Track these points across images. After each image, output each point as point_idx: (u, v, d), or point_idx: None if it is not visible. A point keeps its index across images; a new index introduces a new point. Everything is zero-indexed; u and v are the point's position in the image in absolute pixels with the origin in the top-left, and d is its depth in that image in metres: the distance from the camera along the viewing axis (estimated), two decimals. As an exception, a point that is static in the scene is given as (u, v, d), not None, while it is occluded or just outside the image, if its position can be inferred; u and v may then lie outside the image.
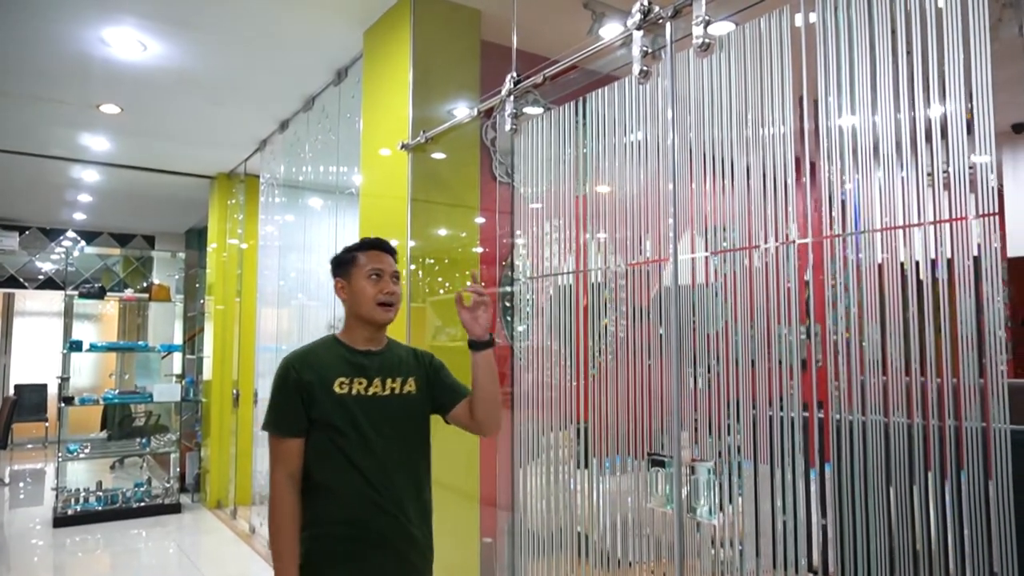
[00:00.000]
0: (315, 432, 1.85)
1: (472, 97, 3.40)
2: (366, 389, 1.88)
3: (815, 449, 1.54)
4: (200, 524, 5.96)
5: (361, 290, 1.91)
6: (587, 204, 2.15)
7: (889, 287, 1.42)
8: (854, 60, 1.48)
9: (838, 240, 1.52)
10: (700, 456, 1.76)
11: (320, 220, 4.66)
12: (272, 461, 1.85)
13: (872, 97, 1.45)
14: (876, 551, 1.43)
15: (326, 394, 1.84)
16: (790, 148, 1.61)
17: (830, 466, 1.52)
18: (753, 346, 1.65)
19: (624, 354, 2.01)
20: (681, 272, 1.83)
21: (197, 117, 5.07)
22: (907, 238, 1.41)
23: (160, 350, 6.57)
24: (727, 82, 1.76)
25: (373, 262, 1.93)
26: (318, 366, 1.87)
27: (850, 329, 1.47)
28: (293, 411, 1.83)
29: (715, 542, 1.71)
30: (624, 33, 2.00)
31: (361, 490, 1.82)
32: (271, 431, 1.87)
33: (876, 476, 1.45)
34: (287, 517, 1.79)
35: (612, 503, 2.04)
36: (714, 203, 1.80)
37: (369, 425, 1.85)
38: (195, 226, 9.07)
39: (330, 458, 1.83)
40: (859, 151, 1.51)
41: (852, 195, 1.50)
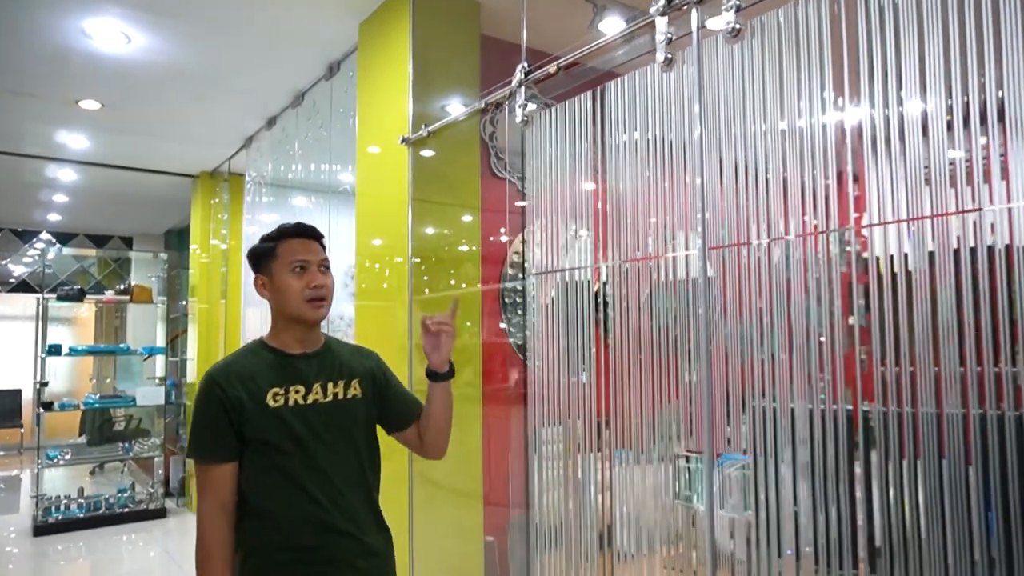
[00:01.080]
0: (249, 453, 1.63)
1: (471, 91, 3.34)
2: (304, 397, 1.68)
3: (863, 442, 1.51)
4: (187, 529, 5.83)
5: (285, 286, 1.68)
6: (605, 197, 2.10)
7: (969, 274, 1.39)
8: (901, 45, 1.45)
9: (883, 229, 1.49)
10: (731, 450, 1.72)
11: (311, 219, 4.56)
12: (200, 491, 1.63)
13: (923, 83, 1.42)
14: (916, 546, 1.41)
15: (259, 409, 1.62)
16: (832, 136, 1.58)
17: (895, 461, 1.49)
18: (791, 338, 1.61)
19: (647, 348, 1.96)
20: (709, 265, 1.79)
21: (181, 113, 4.94)
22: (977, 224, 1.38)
23: (142, 353, 6.42)
24: (757, 70, 1.72)
25: (295, 252, 1.69)
26: (246, 378, 1.64)
27: (899, 320, 1.45)
28: (220, 434, 1.61)
29: (749, 538, 1.67)
30: (646, 19, 1.95)
31: (308, 512, 1.63)
32: (196, 459, 1.65)
33: (937, 469, 1.42)
34: (215, 555, 1.59)
35: (635, 498, 1.99)
36: (740, 196, 1.77)
37: (312, 437, 1.65)
38: (175, 227, 8.89)
39: (269, 479, 1.63)
40: (906, 137, 1.48)
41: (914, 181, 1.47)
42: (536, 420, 2.34)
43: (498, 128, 3.67)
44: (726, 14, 1.74)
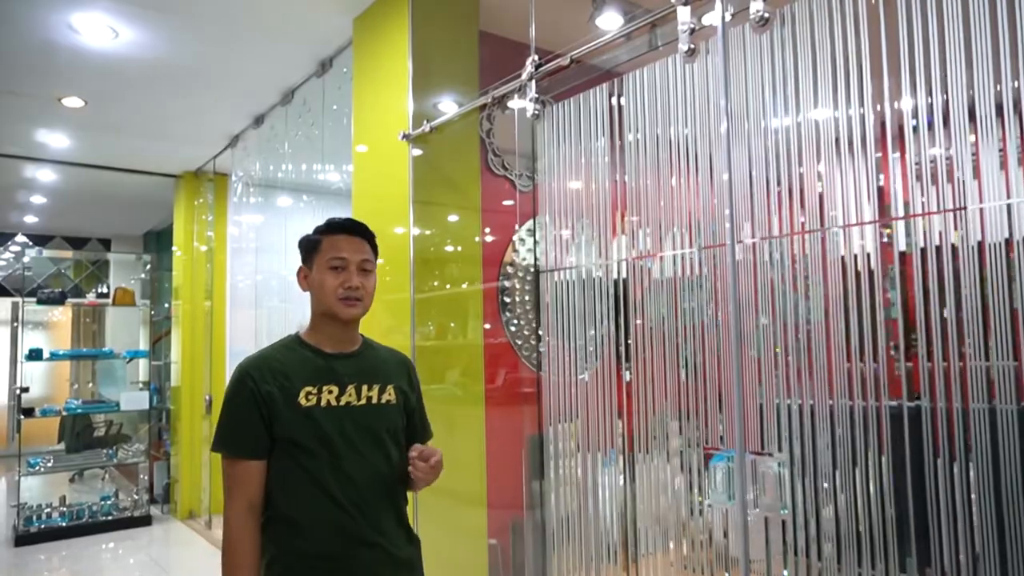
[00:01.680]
0: (278, 452, 1.58)
1: (471, 88, 3.29)
2: (337, 398, 1.62)
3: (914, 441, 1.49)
4: (173, 536, 5.71)
5: (320, 281, 1.64)
6: (624, 192, 2.07)
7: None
8: (944, 31, 1.43)
9: (914, 222, 1.47)
10: (765, 448, 1.69)
11: (302, 219, 4.50)
12: (227, 488, 1.58)
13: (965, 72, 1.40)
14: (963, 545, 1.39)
15: (290, 407, 1.58)
16: (871, 128, 1.56)
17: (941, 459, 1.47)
18: (830, 335, 1.59)
19: (672, 346, 1.93)
20: (740, 258, 1.76)
21: (166, 112, 4.83)
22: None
23: (125, 356, 6.28)
24: (783, 61, 1.70)
25: (337, 249, 1.65)
26: (279, 374, 1.60)
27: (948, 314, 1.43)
28: (251, 427, 1.57)
29: (785, 538, 1.65)
30: (667, 9, 1.92)
31: (335, 520, 1.58)
32: (223, 451, 1.59)
33: (992, 468, 1.40)
34: (245, 557, 1.54)
35: (658, 498, 1.96)
36: (770, 189, 1.74)
37: (342, 441, 1.60)
38: (155, 228, 8.73)
39: (296, 483, 1.58)
40: (953, 124, 1.46)
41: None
42: (551, 419, 2.30)
43: (495, 125, 3.63)
44: (754, 3, 1.71)
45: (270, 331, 4.79)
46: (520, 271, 3.69)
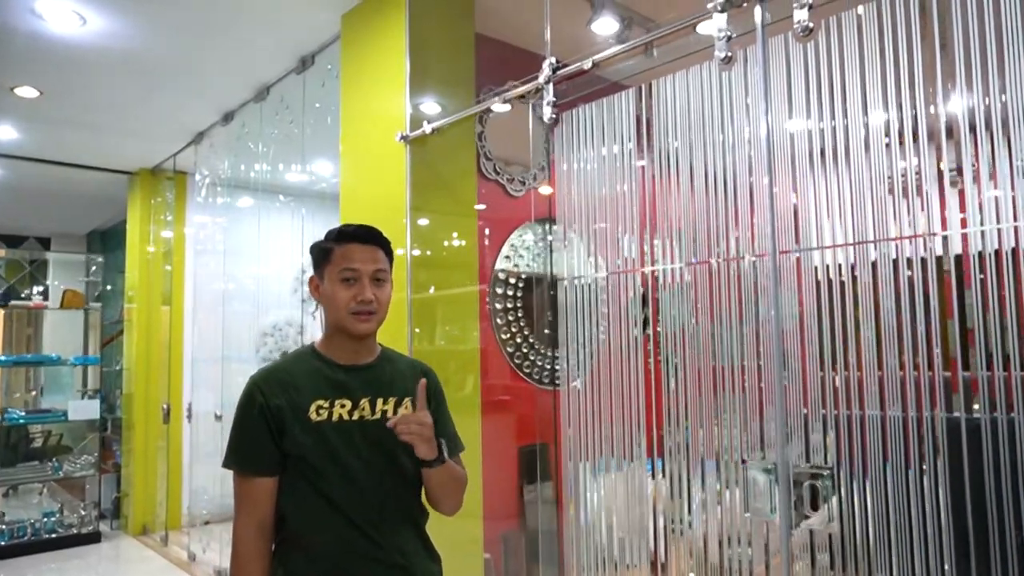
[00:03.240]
0: (289, 470, 1.52)
1: (467, 90, 3.22)
2: (350, 413, 1.55)
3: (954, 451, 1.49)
4: (126, 554, 5.41)
5: (332, 294, 1.56)
6: (655, 199, 2.03)
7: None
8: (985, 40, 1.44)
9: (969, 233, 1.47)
10: (811, 462, 1.67)
11: (279, 221, 4.33)
12: (237, 506, 1.51)
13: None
14: None
15: (299, 422, 1.51)
16: (910, 138, 1.56)
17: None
18: (887, 345, 1.58)
19: (706, 355, 1.90)
20: (781, 270, 1.74)
21: (127, 105, 4.58)
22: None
23: (73, 363, 5.93)
24: (823, 70, 1.69)
25: (349, 259, 1.55)
26: (290, 386, 1.53)
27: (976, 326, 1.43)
28: (260, 443, 1.50)
29: (832, 551, 1.63)
30: (702, 15, 1.89)
31: (350, 541, 1.50)
32: (233, 468, 1.53)
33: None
34: (250, 573, 1.48)
35: (699, 512, 1.92)
36: (810, 197, 1.73)
37: (354, 458, 1.52)
38: (101, 227, 8.32)
39: (309, 503, 1.50)
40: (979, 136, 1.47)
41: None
42: (569, 429, 2.24)
43: (487, 128, 3.57)
44: (797, 12, 1.69)
45: (238, 337, 4.59)
46: (512, 278, 3.62)
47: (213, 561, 4.74)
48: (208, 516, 5.29)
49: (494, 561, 3.32)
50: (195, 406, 5.24)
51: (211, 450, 5.21)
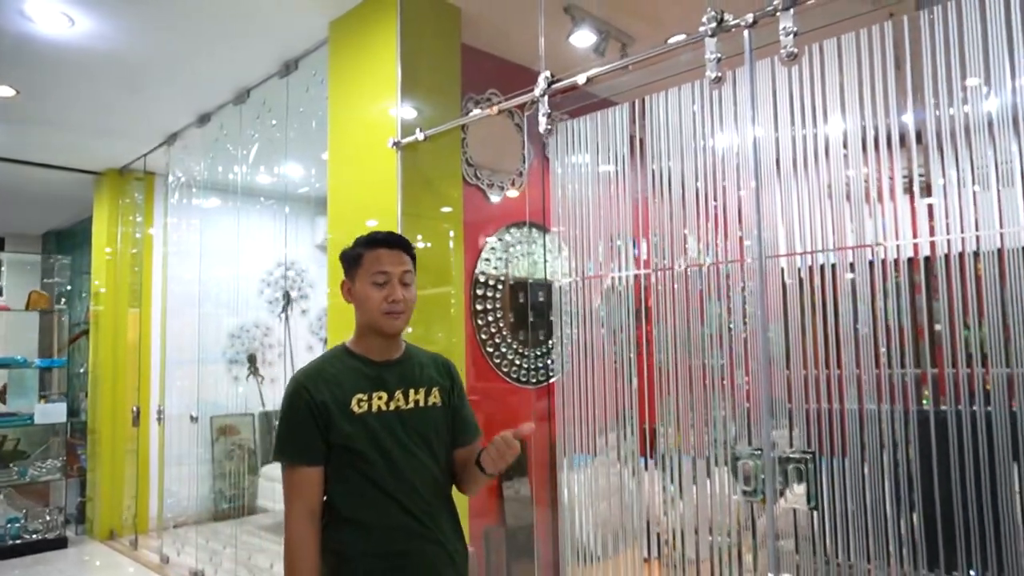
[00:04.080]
0: (335, 460, 1.66)
1: (454, 98, 3.33)
2: (387, 404, 1.70)
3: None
4: (95, 559, 5.35)
5: (365, 296, 1.71)
6: (647, 206, 2.17)
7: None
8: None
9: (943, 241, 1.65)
10: (792, 447, 1.83)
11: (260, 224, 4.36)
12: (287, 495, 1.64)
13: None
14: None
15: (344, 414, 1.65)
16: (897, 153, 1.73)
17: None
18: (860, 344, 1.75)
19: (695, 353, 2.05)
20: (768, 272, 1.90)
21: (102, 106, 4.54)
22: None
23: (39, 365, 5.82)
24: (807, 90, 1.85)
25: (379, 263, 1.70)
26: (332, 383, 1.68)
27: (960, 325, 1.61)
28: (308, 436, 1.64)
29: (812, 530, 1.79)
30: (695, 38, 2.04)
31: (397, 520, 1.65)
32: (284, 460, 1.66)
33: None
34: (308, 560, 1.59)
35: (688, 499, 2.07)
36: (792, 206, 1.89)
37: (395, 444, 1.67)
38: (58, 227, 8.14)
39: (356, 487, 1.65)
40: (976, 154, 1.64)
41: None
42: (564, 426, 2.37)
43: (469, 134, 3.67)
44: (784, 38, 1.85)
45: (217, 341, 4.60)
46: (491, 280, 3.74)
47: (188, 564, 4.74)
48: (183, 519, 5.27)
49: (477, 555, 3.43)
50: (168, 408, 5.21)
51: (185, 452, 5.20)
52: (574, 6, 3.43)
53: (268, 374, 6.30)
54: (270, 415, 6.18)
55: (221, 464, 5.96)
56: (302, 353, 6.38)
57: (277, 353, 6.34)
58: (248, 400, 6.09)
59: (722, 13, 1.98)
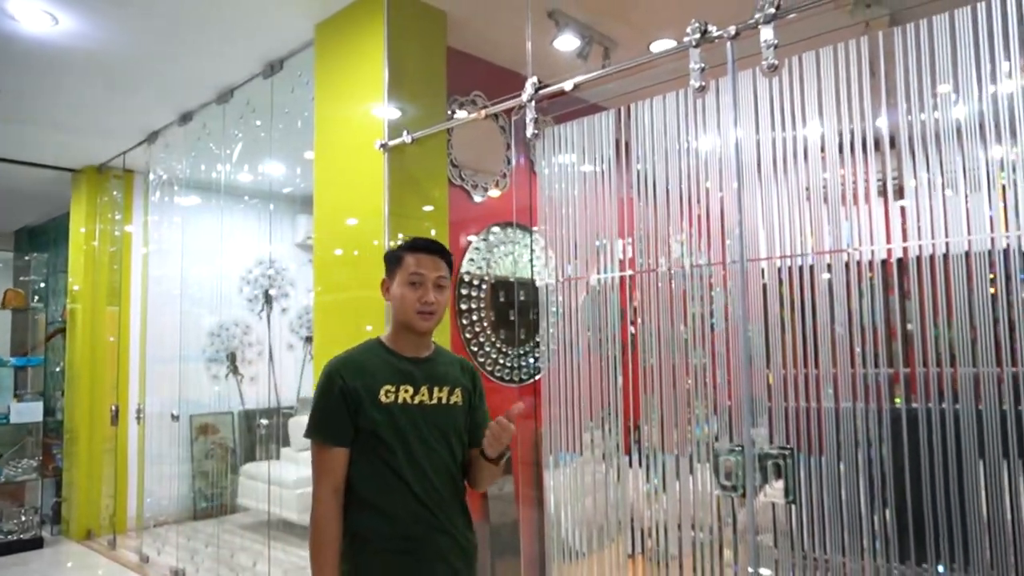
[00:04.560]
0: (360, 443, 1.78)
1: (439, 100, 3.36)
2: (412, 397, 1.82)
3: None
4: (72, 559, 5.30)
5: (400, 295, 1.84)
6: (632, 209, 2.23)
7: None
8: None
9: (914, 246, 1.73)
10: (772, 444, 1.90)
11: (244, 223, 4.36)
12: (316, 473, 1.78)
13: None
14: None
15: (372, 402, 1.78)
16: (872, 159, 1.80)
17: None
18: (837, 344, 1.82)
19: (680, 352, 2.11)
20: (749, 275, 1.96)
21: (82, 104, 4.51)
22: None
23: (15, 364, 5.75)
24: (786, 99, 1.92)
25: (416, 266, 1.84)
26: (364, 372, 1.81)
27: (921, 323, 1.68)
28: (339, 418, 1.77)
29: (791, 525, 1.86)
30: (679, 48, 2.10)
31: (412, 508, 1.77)
32: (316, 437, 1.79)
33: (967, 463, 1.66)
34: (332, 533, 1.74)
35: (670, 495, 2.13)
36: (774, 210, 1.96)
37: (415, 435, 1.80)
38: (31, 224, 8.03)
39: (376, 472, 1.77)
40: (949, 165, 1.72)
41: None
42: (551, 425, 2.42)
43: (454, 136, 3.71)
44: (765, 51, 1.92)
45: (197, 339, 4.59)
46: (475, 279, 3.78)
47: (168, 563, 4.72)
48: (163, 518, 5.25)
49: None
50: (147, 407, 5.19)
51: (164, 451, 5.18)
52: (558, 11, 3.48)
53: (248, 373, 6.28)
54: (250, 414, 6.17)
55: (201, 463, 5.94)
56: (282, 352, 6.38)
57: (257, 352, 6.33)
58: (228, 399, 6.07)
59: (705, 25, 2.04)
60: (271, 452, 5.60)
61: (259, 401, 6.10)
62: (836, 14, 2.09)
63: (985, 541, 1.60)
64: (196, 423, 5.96)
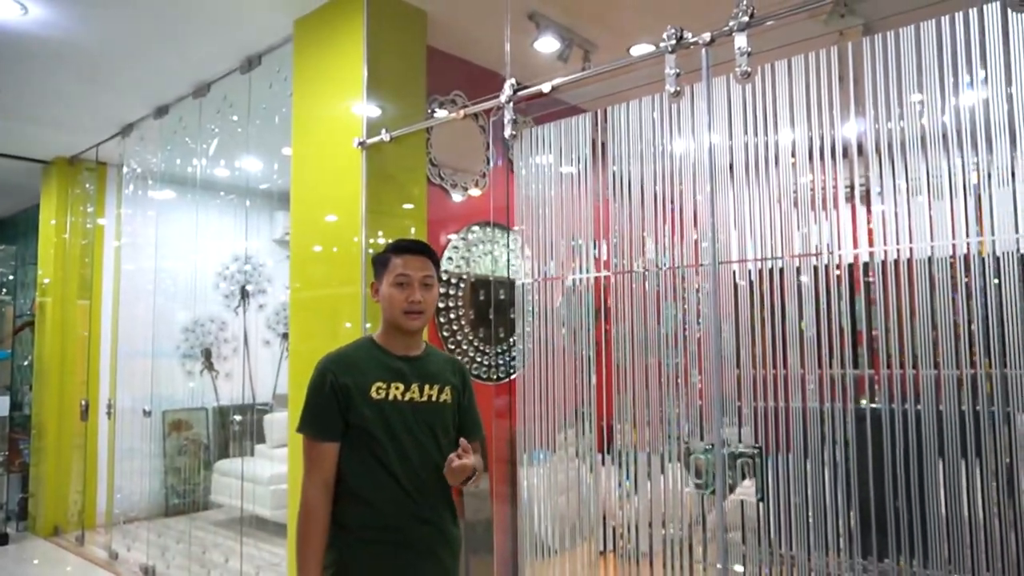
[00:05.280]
0: (350, 439, 1.82)
1: (419, 99, 3.37)
2: (403, 394, 1.86)
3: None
4: (39, 555, 5.22)
5: (388, 296, 1.88)
6: (607, 211, 2.27)
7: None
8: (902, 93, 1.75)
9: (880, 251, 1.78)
10: (742, 443, 1.95)
11: (220, 218, 4.32)
12: (306, 466, 1.82)
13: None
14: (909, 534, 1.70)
15: (363, 398, 1.81)
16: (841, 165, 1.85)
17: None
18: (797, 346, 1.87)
19: (652, 353, 2.15)
20: (721, 277, 2.01)
21: (54, 94, 4.44)
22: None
23: (-18, 358, 5.65)
24: (759, 105, 1.97)
25: (403, 267, 1.88)
26: (355, 370, 1.85)
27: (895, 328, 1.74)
28: (330, 414, 1.81)
29: (759, 522, 1.91)
30: (655, 53, 2.13)
31: (399, 500, 1.81)
32: (307, 432, 1.83)
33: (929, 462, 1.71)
34: (319, 524, 1.78)
35: (642, 493, 2.17)
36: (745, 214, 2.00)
37: (405, 431, 1.83)
38: (0, 215, 7.88)
39: (366, 465, 1.81)
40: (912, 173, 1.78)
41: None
42: (526, 426, 2.45)
43: (433, 135, 3.72)
44: (739, 58, 1.96)
45: (171, 334, 4.55)
46: (453, 278, 3.79)
47: (138, 559, 4.67)
48: (134, 514, 5.19)
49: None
50: (118, 402, 5.13)
51: (136, 447, 5.12)
52: (538, 13, 3.51)
53: (223, 369, 6.23)
54: (224, 410, 6.12)
55: (173, 459, 5.88)
56: (259, 348, 6.33)
57: (233, 348, 6.28)
58: (202, 395, 6.02)
59: (681, 31, 2.08)
60: (246, 448, 5.56)
61: (234, 397, 6.05)
62: (812, 24, 2.14)
63: (943, 537, 1.66)
64: (169, 419, 5.91)
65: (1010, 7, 1.62)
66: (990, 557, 1.61)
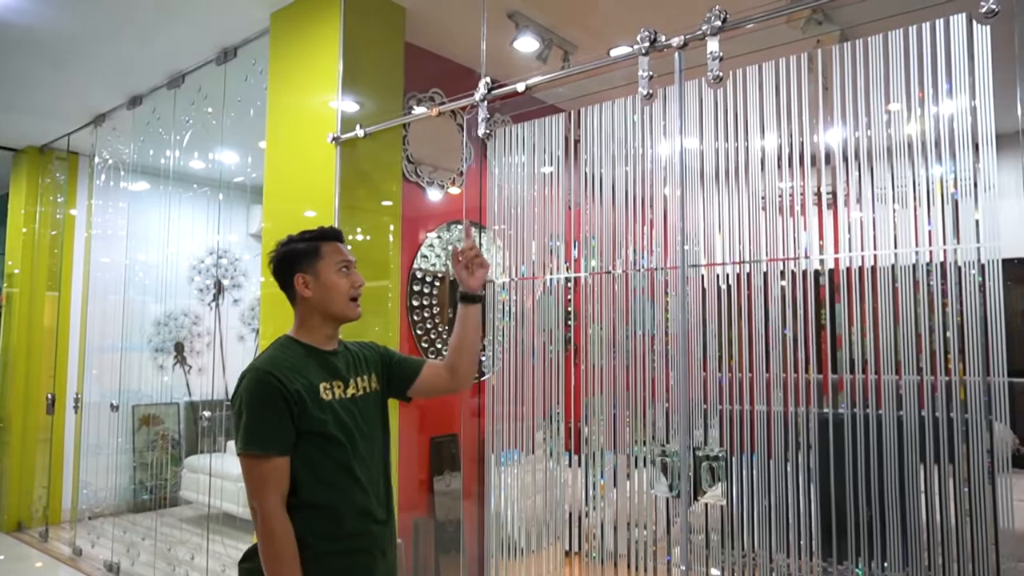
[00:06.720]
0: (303, 445, 1.66)
1: (396, 95, 3.35)
2: (344, 391, 1.77)
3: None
4: (3, 551, 5.12)
5: (333, 285, 1.77)
6: (579, 211, 2.27)
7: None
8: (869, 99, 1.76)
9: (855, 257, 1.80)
10: (707, 446, 1.96)
11: (192, 210, 4.27)
12: (258, 486, 1.62)
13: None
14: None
15: (315, 402, 1.68)
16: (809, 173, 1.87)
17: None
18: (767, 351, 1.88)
19: (620, 355, 2.15)
20: (689, 279, 2.01)
21: (22, 81, 4.36)
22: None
23: (-55, 349, 5.53)
24: (730, 109, 1.98)
25: (340, 253, 1.80)
26: (299, 373, 1.69)
27: (864, 332, 1.75)
28: (281, 425, 1.63)
29: (723, 524, 1.92)
30: (629, 55, 2.14)
31: (360, 501, 1.71)
32: (256, 450, 1.63)
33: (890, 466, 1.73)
34: (292, 548, 1.60)
35: (610, 495, 2.17)
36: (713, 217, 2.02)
37: (356, 429, 1.75)
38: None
39: (327, 471, 1.67)
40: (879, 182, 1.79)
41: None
42: (494, 422, 2.45)
43: (410, 132, 3.71)
44: (711, 62, 1.97)
45: (142, 328, 4.48)
46: (428, 276, 3.78)
47: (103, 556, 4.61)
48: (100, 510, 5.11)
49: (405, 546, 3.48)
50: (86, 396, 5.05)
51: (104, 442, 5.05)
52: (518, 13, 3.50)
53: (196, 363, 6.15)
54: (196, 405, 6.05)
55: (142, 454, 5.80)
56: (233, 343, 6.26)
57: (206, 343, 6.20)
58: (173, 389, 5.94)
59: (655, 33, 2.08)
60: (218, 444, 5.50)
61: (204, 392, 5.98)
62: (790, 31, 2.15)
63: (899, 540, 1.68)
64: (139, 414, 5.82)
65: (975, 19, 1.64)
66: (946, 560, 1.63)
